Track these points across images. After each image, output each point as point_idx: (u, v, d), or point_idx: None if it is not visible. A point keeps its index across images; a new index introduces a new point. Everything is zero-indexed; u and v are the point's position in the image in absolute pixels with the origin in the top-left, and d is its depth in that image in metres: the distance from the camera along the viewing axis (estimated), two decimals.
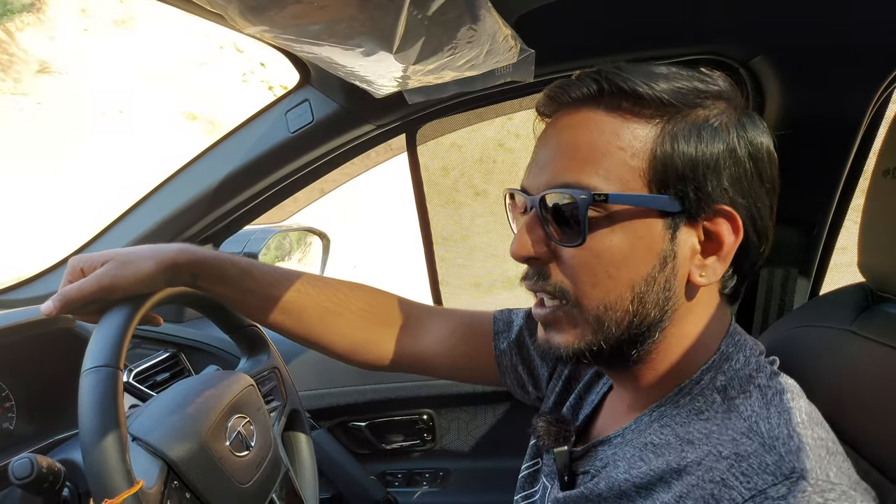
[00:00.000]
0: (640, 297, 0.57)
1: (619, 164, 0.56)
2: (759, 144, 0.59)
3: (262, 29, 0.60)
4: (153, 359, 1.35)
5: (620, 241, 0.56)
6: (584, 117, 0.58)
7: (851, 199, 1.14)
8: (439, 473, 1.58)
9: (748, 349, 0.61)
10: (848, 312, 0.76)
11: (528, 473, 0.79)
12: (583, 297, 0.58)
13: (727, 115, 0.58)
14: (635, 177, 0.56)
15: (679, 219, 0.57)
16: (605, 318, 0.58)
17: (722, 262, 0.58)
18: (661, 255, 0.57)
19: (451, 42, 0.68)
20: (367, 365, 0.90)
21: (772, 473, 0.48)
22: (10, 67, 6.76)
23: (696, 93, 0.57)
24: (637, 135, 0.56)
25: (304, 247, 1.85)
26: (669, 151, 0.55)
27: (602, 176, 0.56)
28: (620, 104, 0.57)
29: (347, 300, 0.89)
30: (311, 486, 1.04)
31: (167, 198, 1.33)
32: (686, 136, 0.56)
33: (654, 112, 0.56)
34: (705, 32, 1.01)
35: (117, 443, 0.63)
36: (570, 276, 0.59)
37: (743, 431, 0.53)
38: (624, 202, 0.55)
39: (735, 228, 0.57)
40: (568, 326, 0.61)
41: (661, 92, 0.56)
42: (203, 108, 7.75)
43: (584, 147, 0.57)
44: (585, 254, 0.57)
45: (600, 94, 0.57)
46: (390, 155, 1.54)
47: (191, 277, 0.79)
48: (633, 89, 0.56)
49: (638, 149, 0.56)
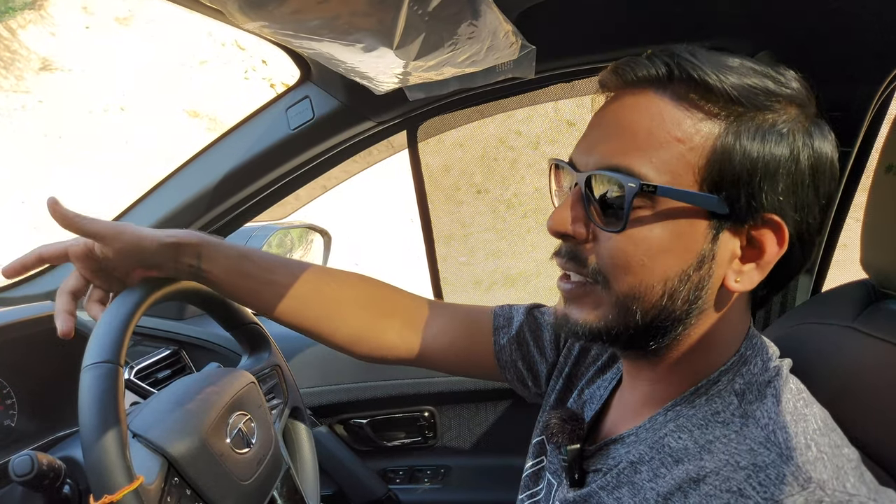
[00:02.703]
0: (671, 293, 0.56)
1: (674, 155, 0.54)
2: (823, 156, 0.56)
3: (260, 24, 0.60)
4: (154, 356, 1.35)
5: (661, 234, 0.55)
6: (647, 100, 0.56)
7: (854, 196, 1.14)
8: (441, 470, 1.58)
9: (766, 353, 0.60)
10: (850, 309, 0.76)
11: (532, 472, 0.79)
12: (614, 280, 0.57)
13: (798, 121, 0.55)
14: (688, 172, 0.54)
15: (725, 222, 0.55)
16: (631, 304, 0.57)
17: (760, 271, 0.56)
18: (700, 254, 0.55)
19: (452, 38, 0.67)
20: (367, 356, 0.90)
21: (789, 484, 0.47)
22: (13, 65, 6.76)
23: (766, 93, 0.54)
24: (699, 129, 0.54)
25: (306, 244, 1.85)
26: (729, 152, 0.53)
27: (654, 165, 0.54)
28: (688, 94, 0.54)
29: (348, 289, 0.88)
30: (312, 483, 1.05)
31: (168, 195, 1.32)
32: (750, 139, 0.53)
33: (720, 108, 0.54)
34: (708, 27, 1.00)
35: (117, 439, 0.63)
36: (604, 258, 0.57)
37: (761, 441, 0.52)
38: (672, 196, 0.54)
39: (780, 240, 0.55)
40: (591, 305, 0.59)
41: (731, 87, 0.53)
42: (205, 106, 7.74)
43: (641, 131, 0.55)
44: (623, 240, 0.56)
45: (669, 78, 0.55)
46: (392, 152, 1.54)
47: (195, 258, 0.79)
48: (703, 80, 0.54)
49: (697, 143, 0.54)
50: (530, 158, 4.47)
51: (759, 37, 0.99)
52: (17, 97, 6.63)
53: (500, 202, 4.47)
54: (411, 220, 5.39)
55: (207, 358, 1.38)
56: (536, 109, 1.26)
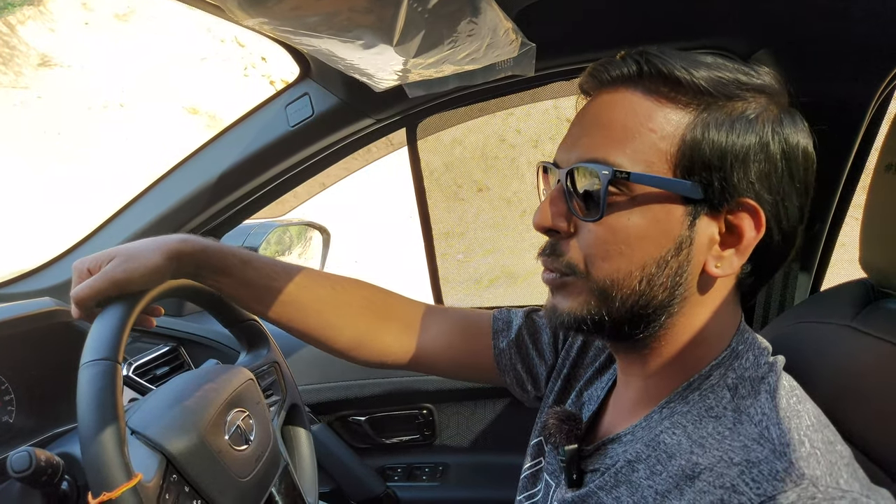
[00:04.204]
0: (648, 278, 0.58)
1: (647, 145, 0.56)
2: (794, 143, 0.58)
3: (260, 21, 0.60)
4: (153, 353, 1.35)
5: (638, 220, 0.57)
6: (621, 97, 0.59)
7: (853, 196, 1.14)
8: (439, 468, 1.58)
9: (757, 348, 0.61)
10: (849, 308, 0.76)
11: (531, 473, 0.79)
12: (593, 268, 0.59)
13: (767, 110, 0.57)
14: (661, 160, 0.56)
15: (701, 207, 0.57)
16: (611, 291, 0.58)
17: (739, 256, 0.58)
18: (678, 240, 0.57)
19: (452, 35, 0.67)
20: (366, 361, 0.90)
21: (782, 480, 0.48)
22: (11, 61, 6.74)
23: (736, 84, 0.57)
24: (670, 119, 0.56)
25: (305, 241, 1.85)
26: (699, 138, 0.56)
27: (629, 155, 0.56)
28: (658, 87, 0.57)
29: (347, 295, 0.89)
30: (310, 480, 1.04)
31: (167, 192, 1.32)
32: (718, 126, 0.56)
33: (690, 99, 0.56)
34: (708, 26, 1.00)
35: (115, 436, 0.63)
36: (584, 249, 0.59)
37: (754, 437, 0.52)
38: (646, 183, 0.56)
39: (758, 224, 0.57)
40: (573, 293, 0.61)
41: (700, 79, 0.56)
42: (204, 103, 7.73)
43: (616, 125, 0.58)
44: (602, 229, 0.58)
45: (639, 75, 0.58)
46: (391, 149, 1.54)
47: (194, 268, 0.79)
48: (672, 74, 0.56)
49: (668, 133, 0.56)
50: (530, 156, 4.48)
51: (757, 36, 0.99)
52: (16, 93, 6.62)
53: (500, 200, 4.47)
54: (410, 217, 5.40)
55: (206, 355, 1.38)
56: (536, 107, 1.26)
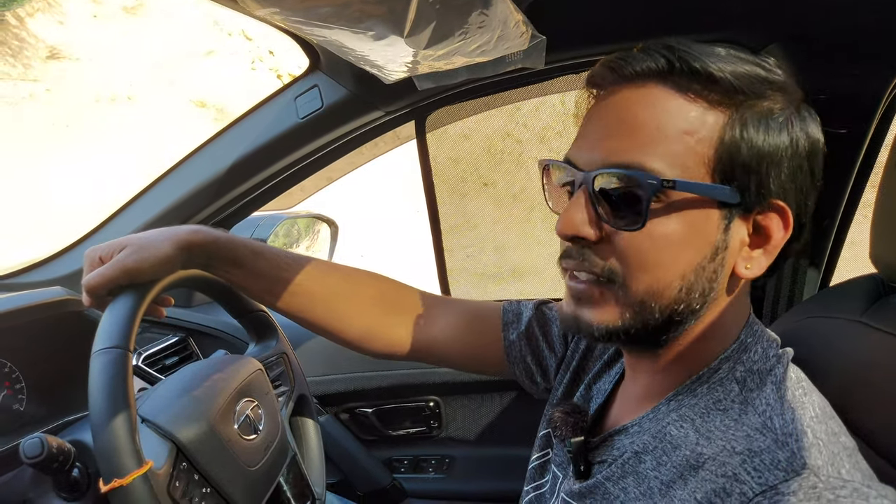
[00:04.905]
0: (688, 287, 0.56)
1: (683, 147, 0.54)
2: (815, 140, 0.57)
3: (271, 11, 0.60)
4: (162, 343, 1.36)
5: (677, 228, 0.55)
6: (650, 93, 0.55)
7: (863, 191, 1.13)
8: (445, 460, 1.58)
9: (765, 340, 0.61)
10: (859, 303, 0.76)
11: (538, 464, 0.79)
12: (631, 280, 0.56)
13: (790, 108, 0.56)
14: (699, 164, 0.54)
15: (735, 210, 0.55)
16: (649, 302, 0.56)
17: (767, 256, 0.57)
18: (714, 245, 0.55)
19: (463, 27, 0.67)
20: (375, 352, 0.90)
21: (783, 469, 0.48)
22: (20, 53, 6.77)
23: (759, 80, 0.55)
24: (705, 119, 0.54)
25: (313, 234, 1.85)
26: (737, 141, 0.54)
27: (665, 160, 0.53)
28: (691, 84, 0.54)
29: (358, 287, 0.89)
30: (318, 470, 1.05)
31: (176, 183, 1.33)
32: (755, 127, 0.54)
33: (722, 97, 0.54)
34: (720, 19, 1.00)
35: (126, 423, 0.64)
36: (619, 258, 0.56)
37: (757, 427, 0.52)
38: (689, 190, 0.53)
39: (786, 224, 0.56)
40: (606, 305, 0.58)
41: (731, 76, 0.53)
42: (212, 96, 7.75)
43: (648, 126, 0.54)
44: (640, 238, 0.55)
45: (670, 70, 0.55)
46: (397, 143, 1.54)
47: (205, 258, 0.80)
48: (705, 70, 0.53)
49: (704, 135, 0.54)
50: (538, 151, 4.46)
51: (768, 29, 0.99)
52: (25, 85, 6.64)
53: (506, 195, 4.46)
54: (417, 212, 5.40)
55: (215, 345, 1.39)
56: (544, 101, 1.27)
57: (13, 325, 0.93)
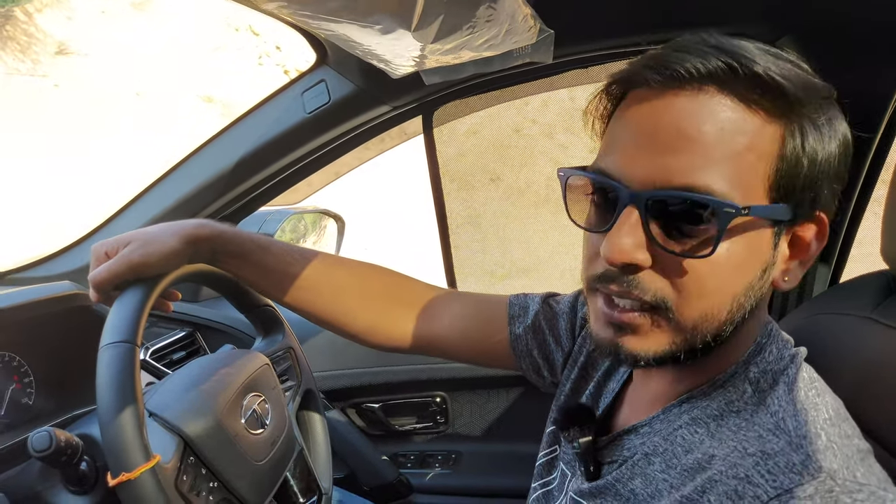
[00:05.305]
0: (737, 307, 0.53)
1: (746, 166, 0.49)
2: (850, 141, 0.54)
3: (279, 5, 0.60)
4: (169, 337, 1.36)
5: (737, 251, 0.51)
6: (711, 102, 0.49)
7: (874, 188, 1.12)
8: (451, 456, 1.58)
9: (780, 340, 0.60)
10: (869, 300, 0.75)
11: (546, 461, 0.79)
12: (686, 307, 0.52)
13: (833, 112, 0.52)
14: (760, 183, 0.49)
15: (784, 226, 0.52)
16: (701, 327, 0.53)
17: (803, 267, 0.56)
18: (765, 264, 0.53)
19: (471, 21, 0.67)
20: (382, 346, 0.90)
21: (798, 473, 0.47)
22: (29, 48, 6.80)
23: (808, 83, 0.50)
24: (765, 133, 0.49)
25: (320, 229, 1.85)
26: (799, 155, 0.49)
27: (729, 181, 0.48)
28: (750, 93, 0.48)
29: (364, 281, 0.89)
30: (324, 465, 1.05)
31: (183, 179, 1.33)
32: (813, 137, 0.50)
33: (775, 106, 0.49)
34: (731, 12, 0.98)
35: (134, 417, 0.64)
36: (675, 284, 0.51)
37: (769, 428, 0.51)
38: (758, 214, 0.49)
39: (822, 234, 0.54)
40: (654, 332, 0.54)
41: (786, 80, 0.48)
42: (219, 91, 7.76)
43: (711, 142, 0.48)
44: (700, 264, 0.50)
45: (734, 75, 0.48)
46: (404, 139, 1.53)
47: (211, 253, 0.80)
48: (767, 75, 0.48)
49: (765, 150, 0.49)
50: (545, 147, 4.45)
51: (781, 21, 0.97)
52: (33, 81, 6.67)
53: (513, 191, 4.46)
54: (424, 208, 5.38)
55: (221, 340, 1.39)
56: (552, 96, 1.26)
57: (22, 320, 0.94)
